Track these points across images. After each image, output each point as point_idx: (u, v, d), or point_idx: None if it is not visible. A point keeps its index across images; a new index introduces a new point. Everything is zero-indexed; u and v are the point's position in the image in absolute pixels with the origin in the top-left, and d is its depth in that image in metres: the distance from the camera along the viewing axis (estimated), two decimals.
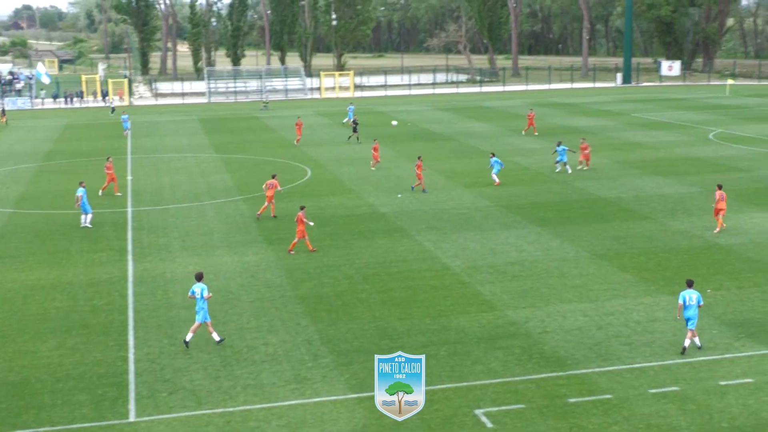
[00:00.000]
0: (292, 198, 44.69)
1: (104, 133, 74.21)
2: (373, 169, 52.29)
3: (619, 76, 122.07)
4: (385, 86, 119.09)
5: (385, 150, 60.80)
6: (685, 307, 23.35)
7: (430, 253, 33.91)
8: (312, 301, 28.39)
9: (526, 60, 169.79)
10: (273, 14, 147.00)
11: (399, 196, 41.71)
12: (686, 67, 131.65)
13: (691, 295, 23.44)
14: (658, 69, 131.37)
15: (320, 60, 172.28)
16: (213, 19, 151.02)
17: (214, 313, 27.40)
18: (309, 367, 23.20)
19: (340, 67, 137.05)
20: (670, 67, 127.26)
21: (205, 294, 24.29)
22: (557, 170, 49.78)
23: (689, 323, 23.37)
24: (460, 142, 64.30)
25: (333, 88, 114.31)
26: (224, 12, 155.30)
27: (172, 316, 27.23)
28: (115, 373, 23.09)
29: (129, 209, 42.85)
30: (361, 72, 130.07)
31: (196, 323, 24.50)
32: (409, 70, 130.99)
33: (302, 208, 34.43)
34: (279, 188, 40.33)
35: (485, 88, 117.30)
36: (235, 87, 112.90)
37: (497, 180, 46.92)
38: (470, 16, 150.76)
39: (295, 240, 34.22)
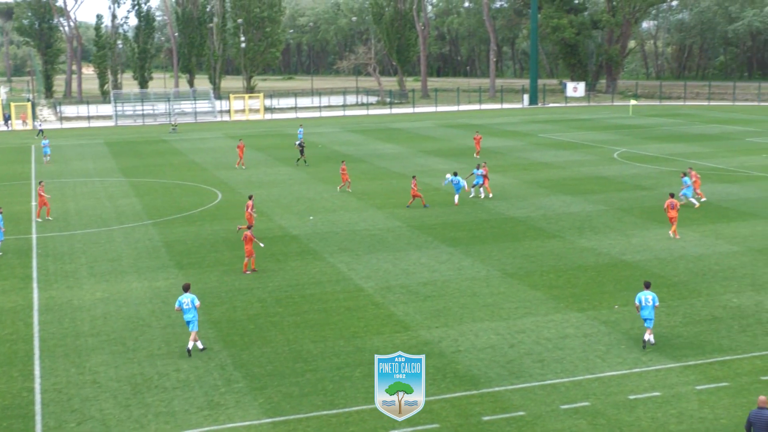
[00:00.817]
0: (203, 222, 44.20)
1: (7, 158, 72.31)
2: (340, 190, 51.73)
3: (526, 97, 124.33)
4: (295, 108, 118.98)
5: (296, 172, 60.70)
6: (642, 307, 24.96)
7: (343, 274, 33.90)
8: (224, 326, 28.08)
9: (435, 82, 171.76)
10: (180, 36, 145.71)
11: (311, 218, 41.63)
12: (590, 88, 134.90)
13: (647, 296, 25.02)
14: (563, 90, 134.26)
15: (229, 82, 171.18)
16: (119, 41, 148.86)
17: (123, 340, 26.87)
18: (222, 393, 22.91)
19: (250, 90, 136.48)
20: (575, 88, 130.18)
21: (196, 303, 25.31)
22: (471, 195, 49.87)
23: (647, 322, 25.07)
24: (371, 164, 64.57)
25: (243, 111, 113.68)
26: (131, 34, 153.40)
27: (80, 345, 26.60)
28: (20, 405, 22.43)
29: (34, 235, 41.78)
30: (271, 94, 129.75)
31: (193, 332, 25.41)
32: (320, 92, 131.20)
33: (250, 228, 34.68)
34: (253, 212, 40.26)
35: (395, 110, 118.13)
36: (142, 110, 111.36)
37: (461, 197, 47.53)
38: (379, 39, 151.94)
39: (246, 260, 34.35)
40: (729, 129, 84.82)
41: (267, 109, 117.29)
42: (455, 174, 47.73)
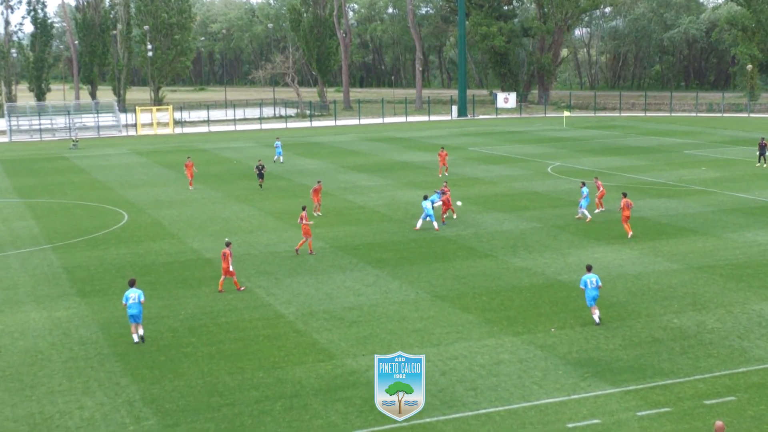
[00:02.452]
0: (107, 245, 43.53)
1: None
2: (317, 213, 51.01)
3: (455, 108, 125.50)
4: (207, 122, 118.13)
5: (209, 191, 60.24)
6: (587, 289, 29.50)
7: (262, 300, 33.69)
8: (132, 358, 27.64)
9: (358, 92, 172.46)
10: (81, 44, 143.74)
11: (226, 240, 41.20)
12: (522, 99, 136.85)
13: (591, 279, 29.57)
14: (494, 101, 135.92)
15: (135, 94, 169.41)
16: (13, 50, 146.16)
17: (20, 376, 26.27)
18: (131, 431, 22.52)
19: (158, 102, 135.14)
20: (506, 99, 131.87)
21: (142, 299, 28.69)
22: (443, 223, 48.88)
23: (590, 301, 29.67)
24: (290, 180, 64.43)
25: (150, 125, 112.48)
26: (26, 42, 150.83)
27: None
28: None
29: None
30: (181, 106, 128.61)
31: (136, 324, 28.68)
32: (234, 104, 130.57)
33: (228, 244, 34.74)
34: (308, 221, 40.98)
35: (316, 123, 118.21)
36: (39, 124, 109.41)
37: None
38: (298, 47, 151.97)
39: (222, 278, 34.67)
40: (666, 141, 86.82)
41: (177, 123, 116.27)
42: (425, 198, 46.37)
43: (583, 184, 48.09)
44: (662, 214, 48.87)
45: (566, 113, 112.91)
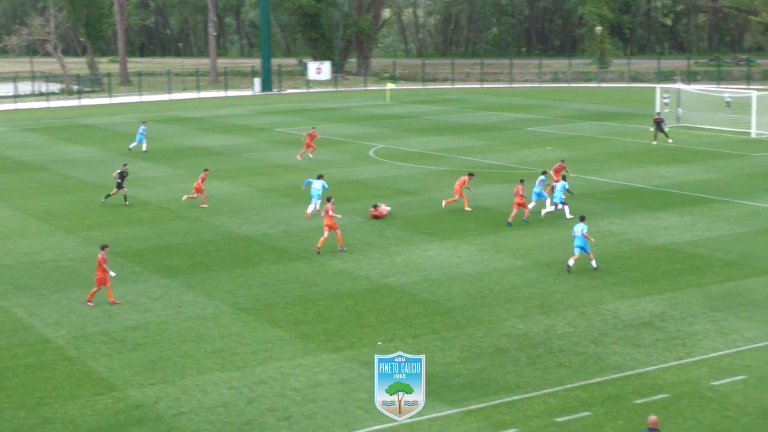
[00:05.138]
0: None
1: None
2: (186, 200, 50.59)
3: (257, 81, 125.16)
4: None
5: None
6: (576, 237, 36.58)
7: (22, 322, 32.78)
8: None
9: (138, 63, 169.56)
10: None
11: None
12: (338, 69, 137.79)
13: (578, 228, 36.80)
14: (304, 72, 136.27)
15: None
16: None
17: None
18: None
19: None
20: (319, 70, 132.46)
21: None
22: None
23: (580, 250, 36.72)
24: (55, 173, 62.85)
25: None
26: None
27: None
28: None
29: None
30: None
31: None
32: None
33: (104, 248, 34.26)
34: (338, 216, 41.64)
35: (86, 101, 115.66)
36: None
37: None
38: (60, 8, 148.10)
39: (94, 289, 34.06)
40: (506, 117, 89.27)
41: None
42: (320, 177, 47.61)
43: (544, 172, 48.63)
44: (503, 202, 50.09)
45: (390, 86, 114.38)
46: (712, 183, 54.19)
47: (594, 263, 37.17)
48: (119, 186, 51.18)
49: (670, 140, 69.43)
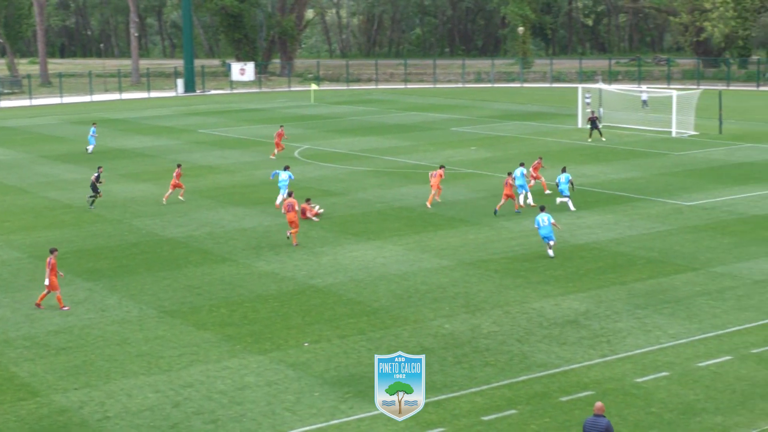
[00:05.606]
0: None
1: None
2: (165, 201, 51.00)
3: (180, 82, 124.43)
4: None
5: None
6: (540, 227, 38.14)
7: None
8: None
9: (58, 65, 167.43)
10: None
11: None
12: (262, 70, 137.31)
13: (543, 217, 38.22)
14: (227, 73, 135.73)
15: None
16: None
17: None
18: None
19: None
20: (242, 71, 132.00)
21: None
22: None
23: (545, 239, 38.54)
24: None
25: None
26: None
27: None
28: None
29: None
30: None
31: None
32: None
33: (53, 251, 34.06)
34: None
35: (5, 103, 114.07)
36: None
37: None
38: None
39: (45, 291, 33.76)
40: (430, 117, 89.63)
41: None
42: (286, 168, 50.45)
43: (522, 164, 50.05)
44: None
45: (314, 86, 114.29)
46: (634, 182, 54.88)
47: (551, 252, 38.93)
48: (95, 189, 50.32)
49: (603, 138, 70.27)
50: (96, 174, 50.96)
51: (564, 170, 48.88)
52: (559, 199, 48.06)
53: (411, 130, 79.98)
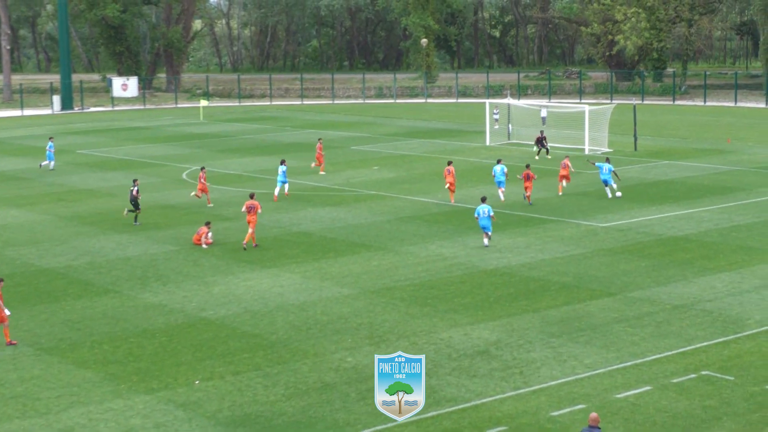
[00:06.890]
0: None
1: None
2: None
3: (57, 99, 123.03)
4: None
5: None
6: (480, 218, 43.54)
7: None
8: None
9: None
10: None
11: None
12: (146, 85, 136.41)
13: (484, 209, 43.69)
14: (108, 88, 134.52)
15: None
16: None
17: None
18: None
19: None
20: (125, 86, 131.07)
21: None
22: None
23: (485, 229, 44.01)
24: None
25: None
26: None
27: None
28: None
29: None
30: None
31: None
32: None
33: None
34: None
35: None
36: None
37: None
38: None
39: None
40: (329, 135, 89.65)
41: None
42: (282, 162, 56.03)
43: (499, 161, 55.31)
44: (328, 226, 50.31)
45: (203, 103, 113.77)
46: (546, 202, 55.43)
47: (486, 241, 44.62)
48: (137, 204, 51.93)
49: (549, 156, 70.92)
50: (134, 188, 52.01)
51: (608, 160, 56.50)
52: (618, 194, 55.50)
53: (308, 149, 79.80)
